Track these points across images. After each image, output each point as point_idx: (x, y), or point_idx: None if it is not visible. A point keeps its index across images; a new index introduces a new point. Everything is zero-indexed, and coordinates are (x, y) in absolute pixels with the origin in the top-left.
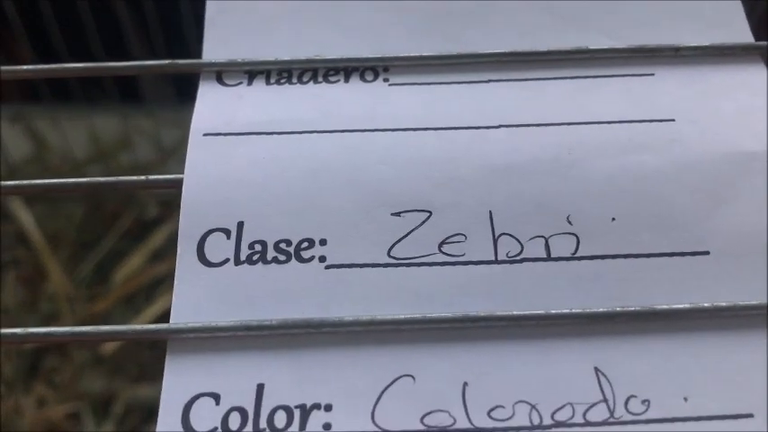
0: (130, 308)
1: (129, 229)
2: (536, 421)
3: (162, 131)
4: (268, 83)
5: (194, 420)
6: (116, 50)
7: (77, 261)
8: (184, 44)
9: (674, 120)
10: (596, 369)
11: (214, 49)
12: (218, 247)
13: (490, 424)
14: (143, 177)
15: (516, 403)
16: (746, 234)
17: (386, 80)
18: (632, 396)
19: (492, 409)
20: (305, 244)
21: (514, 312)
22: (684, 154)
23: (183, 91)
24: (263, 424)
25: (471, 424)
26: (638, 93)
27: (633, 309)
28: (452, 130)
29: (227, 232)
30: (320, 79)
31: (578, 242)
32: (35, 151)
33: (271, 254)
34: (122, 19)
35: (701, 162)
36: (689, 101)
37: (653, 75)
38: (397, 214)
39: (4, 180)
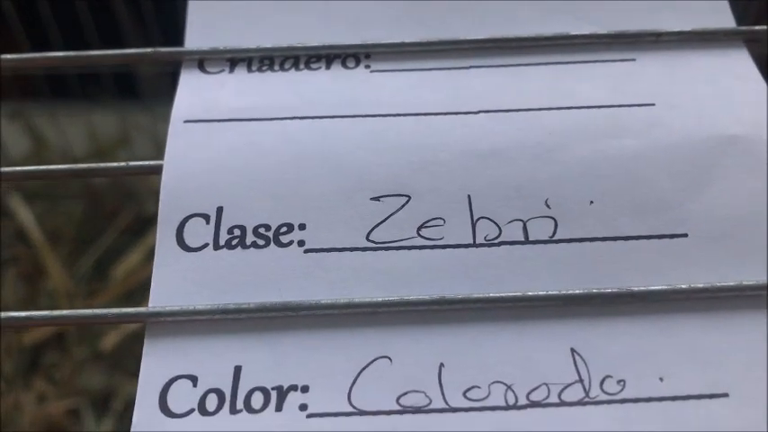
0: (130, 304)
1: (128, 225)
2: (511, 401)
3: (160, 128)
4: (250, 70)
5: (172, 402)
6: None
7: (77, 257)
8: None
9: (654, 104)
10: (572, 350)
11: (196, 37)
12: (198, 232)
13: (466, 404)
14: (123, 164)
15: (492, 384)
16: (725, 217)
17: (367, 67)
18: (608, 376)
19: (468, 390)
20: (284, 228)
21: (491, 294)
22: (664, 138)
23: None
24: (239, 405)
25: (447, 404)
26: (619, 78)
27: (610, 290)
28: (432, 116)
29: (206, 217)
30: (302, 66)
31: (556, 225)
32: (34, 148)
33: (250, 238)
34: (120, 16)
35: (680, 146)
36: (669, 85)
37: (634, 60)
38: (376, 199)
39: (3, 177)
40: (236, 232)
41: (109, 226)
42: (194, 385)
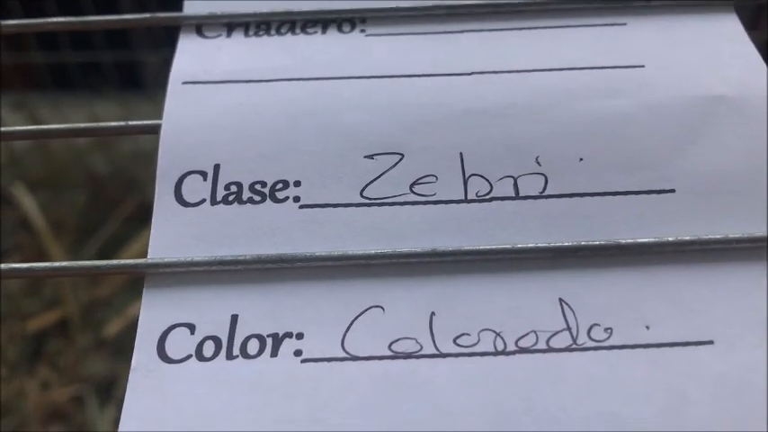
0: (133, 292)
1: (131, 213)
2: (500, 347)
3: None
4: (247, 35)
5: (169, 348)
6: (118, 37)
7: (80, 246)
8: None
9: (643, 66)
10: (561, 300)
11: (194, 2)
12: (195, 188)
13: (455, 350)
14: (122, 123)
15: (481, 331)
16: (712, 173)
17: (362, 31)
18: (595, 324)
19: (458, 337)
20: (280, 185)
21: (481, 247)
22: (653, 98)
23: None
24: (236, 351)
25: (437, 350)
26: (610, 41)
27: (598, 242)
28: (426, 77)
29: (203, 174)
30: (298, 31)
31: (546, 181)
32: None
33: (246, 194)
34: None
35: (668, 105)
36: (659, 48)
37: (625, 24)
38: (370, 157)
39: (7, 167)
40: (233, 188)
41: (112, 214)
42: (192, 333)
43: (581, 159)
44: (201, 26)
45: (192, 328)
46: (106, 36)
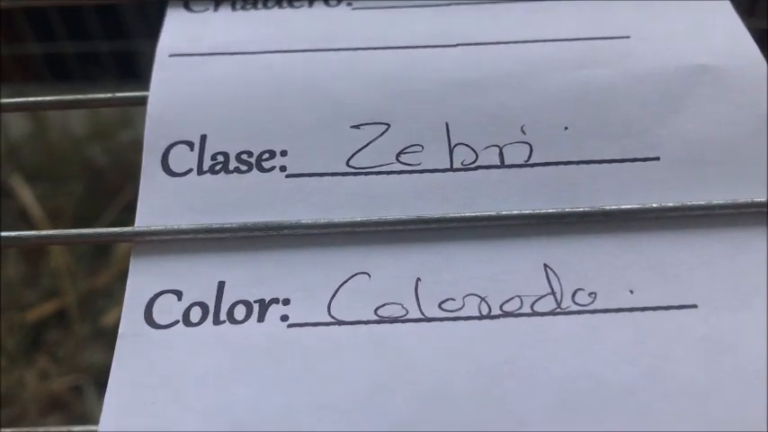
0: None
1: (129, 202)
2: (485, 311)
3: None
4: (234, 8)
5: (157, 314)
6: (114, 27)
7: None
8: None
9: (628, 37)
10: (545, 265)
11: None
12: (182, 158)
13: (441, 314)
14: (109, 95)
15: (466, 296)
16: (696, 141)
17: (349, 4)
18: (579, 289)
19: (443, 302)
20: (266, 155)
21: (466, 214)
22: (637, 67)
23: None
24: (223, 317)
25: (423, 314)
26: (594, 14)
27: (582, 209)
28: (412, 49)
29: (190, 144)
30: (285, 5)
31: (531, 150)
32: (34, 129)
33: (233, 164)
34: None
35: (653, 74)
36: (643, 20)
37: None
38: (356, 127)
39: (5, 158)
40: (220, 158)
41: (110, 204)
42: (179, 299)
43: (566, 128)
44: (189, 0)
45: (179, 294)
46: (102, 26)
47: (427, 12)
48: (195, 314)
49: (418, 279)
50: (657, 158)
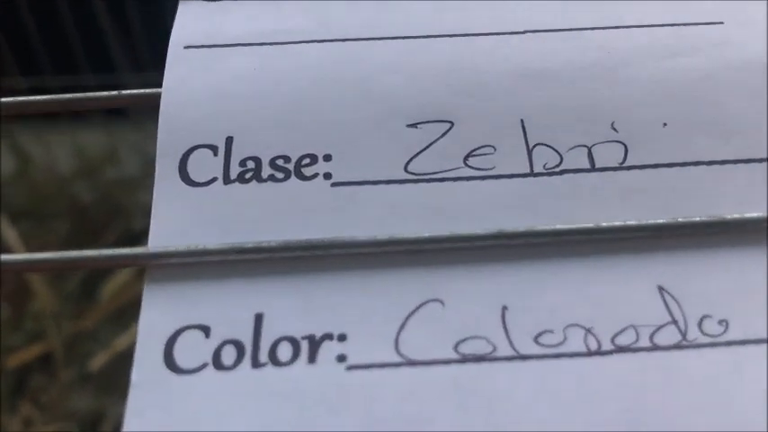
0: (119, 324)
1: (115, 241)
2: (593, 347)
3: (149, 145)
4: None
5: (179, 356)
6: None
7: (64, 276)
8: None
9: (722, 23)
10: (659, 287)
11: None
12: (204, 165)
13: (538, 350)
14: (115, 92)
15: (567, 327)
16: None
17: None
18: (706, 316)
19: (539, 335)
20: (306, 160)
21: (558, 227)
22: (738, 56)
23: None
24: (263, 358)
25: (515, 351)
26: None
27: (700, 219)
28: (471, 37)
29: (213, 149)
30: None
31: (626, 150)
32: (20, 166)
33: (266, 171)
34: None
35: (757, 63)
36: (737, 4)
37: None
38: (414, 126)
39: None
40: (250, 165)
41: (95, 243)
42: (207, 336)
43: (665, 125)
44: None
45: (206, 330)
46: (89, 59)
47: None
48: (228, 355)
49: (504, 307)
50: None
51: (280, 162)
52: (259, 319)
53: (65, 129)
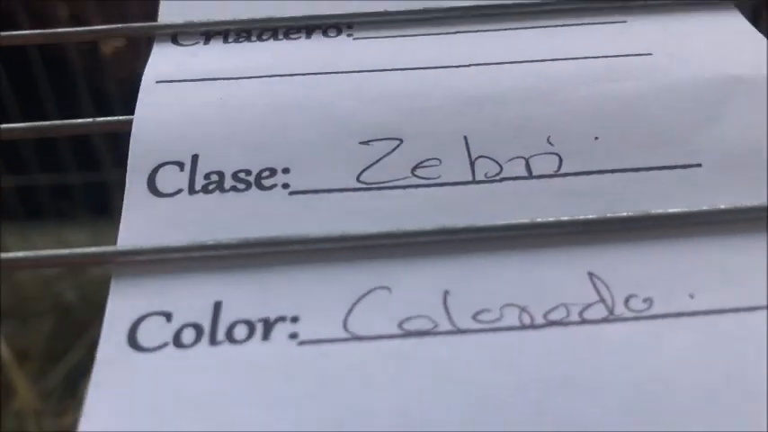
0: None
1: (98, 338)
2: (527, 321)
3: None
4: (226, 41)
5: (142, 337)
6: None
7: (45, 374)
8: None
9: (651, 54)
10: (590, 274)
11: (170, 12)
12: (171, 179)
13: (476, 326)
14: (90, 120)
15: (504, 306)
16: (738, 148)
17: (350, 35)
18: (632, 296)
19: (477, 313)
20: (266, 173)
21: (497, 223)
22: (667, 79)
23: None
24: (221, 337)
25: (455, 326)
26: (612, 35)
27: (626, 214)
28: (422, 70)
29: (180, 164)
30: (281, 37)
31: (561, 160)
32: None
33: (229, 183)
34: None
35: (684, 85)
36: (665, 39)
37: (625, 22)
38: (366, 143)
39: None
40: (214, 177)
41: (78, 341)
42: (168, 320)
43: (596, 138)
44: (177, 35)
45: (168, 316)
46: (75, 158)
47: (433, 39)
48: (188, 335)
49: (446, 292)
50: (699, 165)
51: (241, 175)
52: (218, 305)
53: (50, 228)
